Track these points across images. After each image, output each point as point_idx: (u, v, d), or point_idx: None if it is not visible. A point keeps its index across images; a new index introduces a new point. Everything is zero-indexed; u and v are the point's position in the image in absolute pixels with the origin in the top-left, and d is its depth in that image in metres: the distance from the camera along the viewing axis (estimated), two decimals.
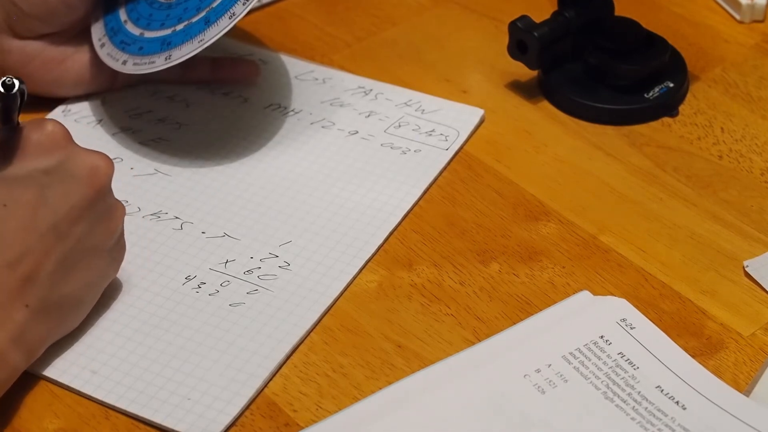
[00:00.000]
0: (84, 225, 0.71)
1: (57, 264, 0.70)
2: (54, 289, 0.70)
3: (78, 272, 0.72)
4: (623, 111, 0.92)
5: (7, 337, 0.68)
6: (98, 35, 0.88)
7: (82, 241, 0.71)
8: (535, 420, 0.70)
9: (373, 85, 0.95)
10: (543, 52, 0.92)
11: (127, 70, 0.85)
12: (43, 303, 0.70)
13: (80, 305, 0.73)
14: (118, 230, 0.74)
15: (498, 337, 0.75)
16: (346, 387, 0.73)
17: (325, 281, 0.79)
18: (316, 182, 0.86)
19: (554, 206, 0.85)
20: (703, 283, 0.79)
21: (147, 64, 0.85)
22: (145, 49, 0.85)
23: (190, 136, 0.90)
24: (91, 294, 0.74)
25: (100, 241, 0.73)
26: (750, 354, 0.75)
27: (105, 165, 0.72)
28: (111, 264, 0.75)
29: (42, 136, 0.70)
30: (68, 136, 0.71)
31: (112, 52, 0.87)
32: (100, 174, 0.72)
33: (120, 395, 0.72)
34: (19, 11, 0.86)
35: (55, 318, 0.71)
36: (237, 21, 0.82)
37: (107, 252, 0.74)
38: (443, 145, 0.89)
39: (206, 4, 0.84)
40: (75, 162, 0.71)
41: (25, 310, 0.69)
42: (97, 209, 0.72)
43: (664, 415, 0.70)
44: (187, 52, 0.83)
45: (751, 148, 0.90)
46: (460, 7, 1.03)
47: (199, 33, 0.83)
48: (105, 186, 0.72)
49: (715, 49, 0.99)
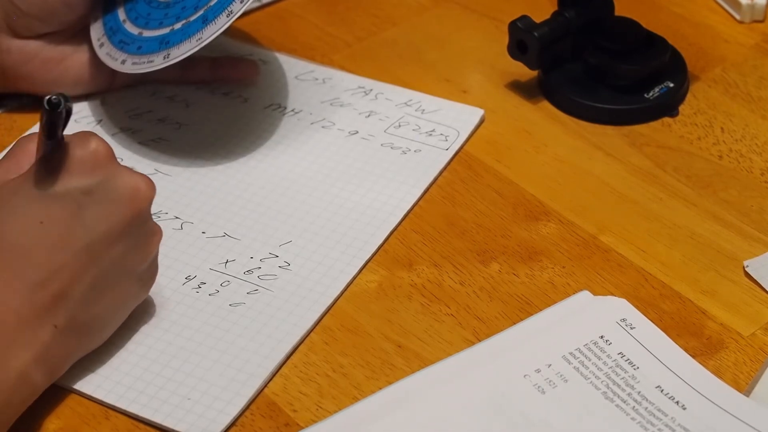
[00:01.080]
0: (119, 247, 0.70)
1: (88, 285, 0.68)
2: (83, 309, 0.69)
3: (108, 294, 0.70)
4: (623, 111, 0.92)
5: (31, 357, 0.66)
6: (97, 35, 0.88)
7: (116, 264, 0.70)
8: (535, 420, 0.70)
9: (373, 85, 0.95)
10: (543, 52, 0.92)
11: (126, 70, 0.85)
12: (71, 322, 0.68)
13: (107, 325, 0.72)
14: (153, 254, 0.73)
15: (498, 337, 0.75)
16: (346, 387, 0.73)
17: (325, 281, 0.79)
18: (316, 182, 0.86)
19: (554, 206, 0.85)
20: (703, 283, 0.79)
21: (146, 63, 0.85)
22: (144, 49, 0.85)
23: (190, 136, 0.90)
24: (119, 315, 0.72)
25: (133, 263, 0.71)
26: (750, 354, 0.75)
27: (146, 187, 0.71)
28: (142, 287, 0.73)
29: (85, 153, 0.69)
30: (111, 155, 0.70)
31: (111, 51, 0.87)
32: (140, 197, 0.70)
33: (120, 395, 0.72)
34: (18, 10, 0.86)
35: (81, 337, 0.70)
36: (234, 19, 0.82)
37: (139, 274, 0.72)
38: (443, 145, 0.89)
39: (204, 3, 0.84)
40: (116, 183, 0.69)
41: (52, 330, 0.67)
42: (134, 232, 0.70)
43: (664, 415, 0.70)
44: (185, 50, 0.83)
45: (751, 148, 0.90)
46: (460, 7, 1.03)
47: (197, 32, 0.83)
48: (144, 210, 0.71)
49: (715, 49, 0.99)
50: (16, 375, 0.65)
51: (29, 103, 0.92)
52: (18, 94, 0.92)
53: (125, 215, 0.69)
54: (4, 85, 0.91)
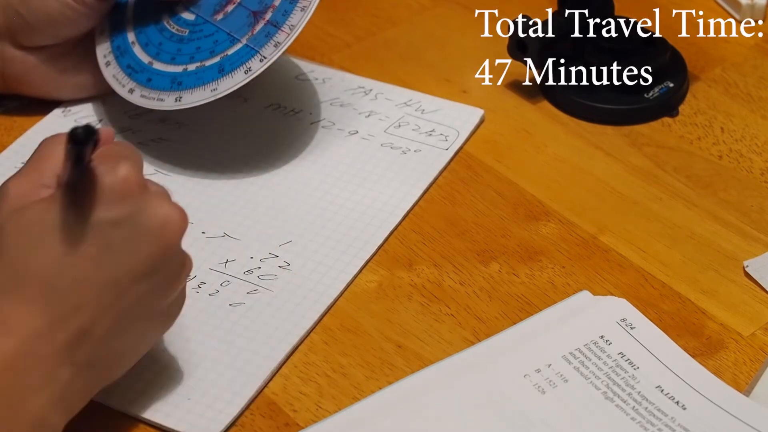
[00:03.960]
0: (146, 283, 0.65)
1: (112, 321, 0.64)
2: (104, 345, 0.65)
3: (132, 328, 0.66)
4: (623, 111, 0.92)
5: (49, 399, 0.62)
6: (103, 52, 0.88)
7: (142, 298, 0.65)
8: (535, 420, 0.70)
9: (373, 85, 0.95)
10: (543, 52, 0.92)
11: (134, 101, 0.85)
12: (91, 359, 0.64)
13: (128, 359, 0.68)
14: (180, 286, 0.68)
15: (498, 337, 0.75)
16: (346, 387, 0.73)
17: (325, 281, 0.79)
18: (316, 182, 0.86)
19: (554, 206, 0.85)
20: (703, 283, 0.79)
21: (155, 100, 0.84)
22: (154, 83, 0.85)
23: (190, 136, 0.90)
24: (142, 348, 0.68)
25: (160, 298, 0.67)
26: (750, 354, 0.75)
27: (178, 219, 0.65)
28: (168, 319, 0.69)
29: (115, 181, 0.63)
30: (142, 183, 0.65)
31: (118, 75, 0.86)
32: (171, 230, 0.65)
33: (120, 396, 0.72)
34: (22, 21, 0.86)
35: (101, 372, 0.66)
36: (252, 78, 0.82)
37: (166, 307, 0.68)
38: (443, 145, 0.89)
39: (221, 49, 0.83)
40: (146, 214, 0.64)
41: (71, 368, 0.63)
42: (162, 267, 0.66)
43: (664, 415, 0.70)
44: (198, 99, 0.83)
45: (751, 148, 0.90)
46: (460, 7, 1.03)
47: (212, 81, 0.83)
48: (175, 244, 0.66)
49: (715, 49, 0.99)
50: (33, 420, 0.62)
51: (29, 103, 0.92)
52: (18, 95, 0.92)
53: (154, 250, 0.65)
54: (4, 89, 0.91)
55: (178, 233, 0.66)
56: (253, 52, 0.82)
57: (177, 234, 0.66)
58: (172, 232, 0.65)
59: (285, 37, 0.82)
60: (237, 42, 0.83)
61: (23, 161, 0.87)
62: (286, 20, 0.82)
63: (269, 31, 0.82)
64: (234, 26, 0.84)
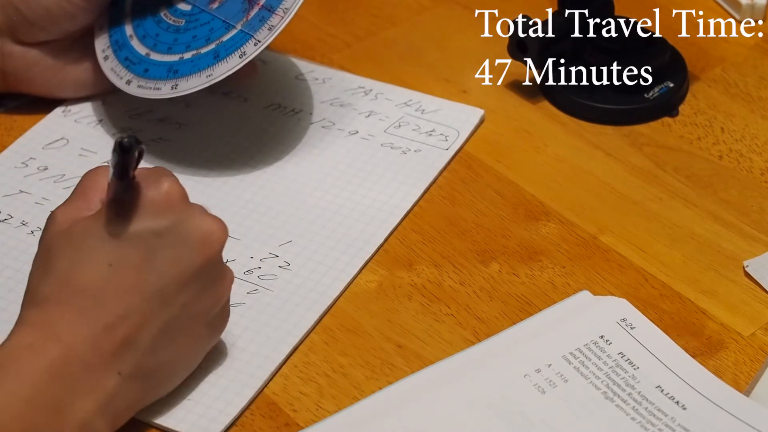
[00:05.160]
0: (190, 292, 0.67)
1: (157, 331, 0.66)
2: (151, 355, 0.66)
3: (177, 339, 0.68)
4: (623, 111, 0.92)
5: (94, 406, 0.64)
6: (102, 46, 0.88)
7: (186, 309, 0.67)
8: (535, 420, 0.70)
9: (373, 85, 0.95)
10: (543, 52, 0.92)
11: (131, 92, 0.85)
12: (138, 370, 0.66)
13: (175, 373, 0.69)
14: (224, 298, 0.70)
15: (498, 337, 0.75)
16: (346, 387, 0.73)
17: (325, 281, 0.79)
18: (316, 182, 0.86)
19: (554, 206, 0.85)
20: (703, 283, 0.79)
21: (152, 89, 0.84)
22: (151, 73, 0.85)
23: (190, 136, 0.90)
24: (187, 361, 0.70)
25: (204, 308, 0.69)
26: (750, 354, 0.75)
27: (219, 231, 0.68)
28: (213, 331, 0.71)
29: (158, 194, 0.66)
30: (184, 196, 0.68)
31: (116, 68, 0.87)
32: (213, 241, 0.68)
33: None
34: (21, 17, 0.86)
35: (147, 385, 0.67)
36: (247, 61, 0.82)
37: (210, 319, 0.70)
38: (443, 145, 0.89)
39: (216, 36, 0.83)
40: (188, 226, 0.67)
41: (116, 377, 0.65)
42: (205, 277, 0.68)
43: (664, 415, 0.70)
44: (194, 85, 0.83)
45: (751, 148, 0.90)
46: (460, 7, 1.03)
47: (208, 67, 0.83)
48: (216, 254, 0.68)
49: (715, 49, 0.99)
50: (78, 425, 0.63)
51: (29, 103, 0.92)
52: (18, 94, 0.92)
53: (197, 259, 0.67)
54: (4, 87, 0.91)
55: (219, 244, 0.68)
56: (248, 37, 0.82)
57: (218, 244, 0.68)
58: (213, 243, 0.68)
59: (279, 21, 0.82)
60: (232, 28, 0.83)
61: (23, 161, 0.87)
62: (279, 4, 0.82)
63: (263, 16, 0.83)
64: (229, 13, 0.84)
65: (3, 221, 0.83)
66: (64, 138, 0.90)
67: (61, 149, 0.89)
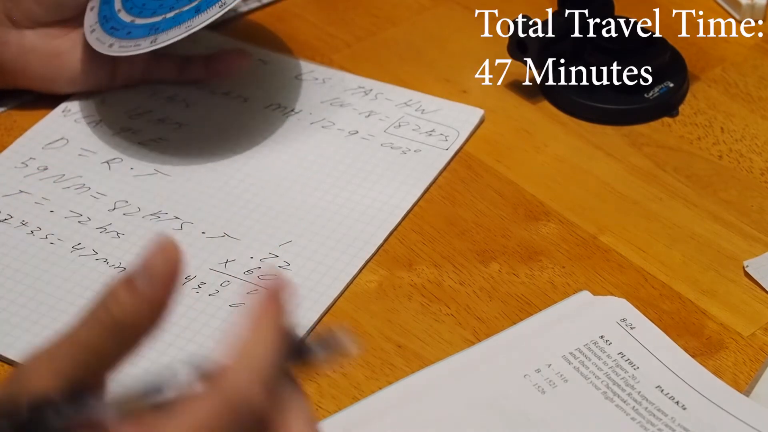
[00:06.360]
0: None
1: None
2: None
3: None
4: (623, 111, 0.92)
5: None
6: (90, 22, 0.88)
7: None
8: (535, 420, 0.70)
9: (373, 85, 0.95)
10: (543, 52, 0.92)
11: (111, 53, 0.85)
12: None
13: None
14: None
15: (498, 337, 0.75)
16: (346, 387, 0.73)
17: (325, 281, 0.79)
18: (316, 182, 0.86)
19: (554, 206, 0.85)
20: (703, 283, 0.79)
21: (132, 47, 0.84)
22: (133, 34, 0.85)
23: (190, 136, 0.90)
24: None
25: None
26: (750, 354, 0.75)
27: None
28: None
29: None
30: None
31: (100, 36, 0.86)
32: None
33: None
34: None
35: None
36: (227, 10, 0.82)
37: None
38: (443, 145, 0.89)
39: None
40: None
41: None
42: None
43: (664, 415, 0.70)
44: (173, 36, 0.83)
45: (751, 148, 0.90)
46: (460, 7, 1.03)
47: (188, 20, 0.83)
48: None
49: (715, 49, 0.99)
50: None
51: (29, 102, 0.92)
52: (18, 93, 0.92)
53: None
54: (2, 83, 0.91)
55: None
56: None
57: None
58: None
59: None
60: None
61: (23, 161, 0.88)
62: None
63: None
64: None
65: (3, 221, 0.83)
66: (64, 138, 0.90)
67: (61, 149, 0.89)
